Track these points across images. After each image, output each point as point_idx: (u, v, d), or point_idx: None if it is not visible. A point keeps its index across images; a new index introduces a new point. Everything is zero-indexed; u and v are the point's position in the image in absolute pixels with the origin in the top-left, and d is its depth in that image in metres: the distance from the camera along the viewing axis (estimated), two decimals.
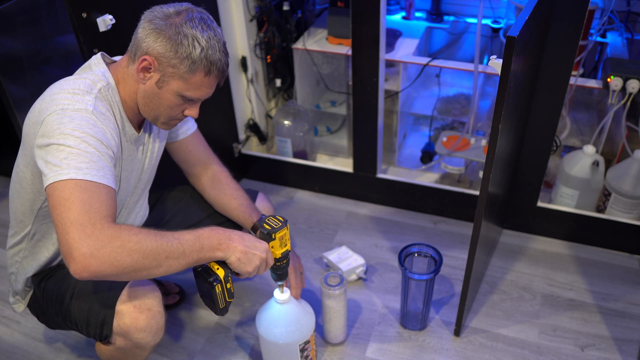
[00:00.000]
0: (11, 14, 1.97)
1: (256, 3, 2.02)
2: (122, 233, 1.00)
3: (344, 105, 2.30)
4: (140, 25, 1.15)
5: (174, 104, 1.19)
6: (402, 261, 1.55)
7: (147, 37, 1.13)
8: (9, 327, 1.75)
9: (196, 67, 1.13)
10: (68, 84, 1.14)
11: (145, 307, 1.21)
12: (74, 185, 1.01)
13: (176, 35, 1.11)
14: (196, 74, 1.14)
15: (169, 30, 1.11)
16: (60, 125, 1.06)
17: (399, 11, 2.28)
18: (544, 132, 1.75)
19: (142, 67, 1.14)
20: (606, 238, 1.91)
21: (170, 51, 1.12)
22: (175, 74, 1.14)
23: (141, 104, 1.21)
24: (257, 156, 2.24)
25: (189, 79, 1.15)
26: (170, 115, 1.22)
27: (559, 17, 1.53)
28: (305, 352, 1.48)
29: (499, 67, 1.15)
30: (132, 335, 1.21)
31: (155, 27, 1.12)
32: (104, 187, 1.04)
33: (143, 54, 1.14)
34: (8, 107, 2.06)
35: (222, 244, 1.14)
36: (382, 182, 2.09)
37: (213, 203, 1.54)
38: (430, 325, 1.70)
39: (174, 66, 1.13)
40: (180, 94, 1.17)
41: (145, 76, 1.16)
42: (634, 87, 1.70)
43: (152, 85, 1.17)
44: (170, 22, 1.12)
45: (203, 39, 1.13)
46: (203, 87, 1.18)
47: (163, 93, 1.17)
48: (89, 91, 1.14)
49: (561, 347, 1.62)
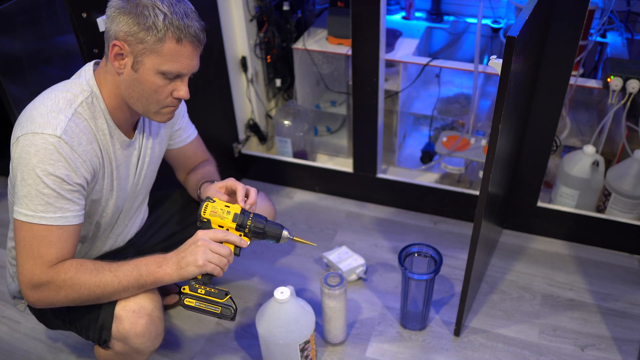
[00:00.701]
0: (11, 14, 1.97)
1: (256, 3, 2.02)
2: (58, 277, 1.11)
3: (344, 105, 2.30)
4: (107, 13, 1.12)
5: (157, 85, 1.14)
6: (402, 261, 1.55)
7: (112, 23, 1.10)
8: (9, 327, 1.75)
9: (163, 35, 1.08)
10: (50, 96, 1.14)
11: (145, 312, 1.20)
12: (26, 229, 1.10)
13: (135, 8, 1.08)
14: (166, 43, 1.09)
15: (128, 6, 1.08)
16: (26, 156, 1.08)
17: (399, 11, 2.28)
18: (544, 132, 1.75)
19: (114, 54, 1.11)
20: (606, 238, 1.91)
21: (135, 25, 1.08)
22: (146, 49, 1.09)
23: (127, 97, 1.17)
24: (257, 156, 2.24)
25: (161, 50, 1.10)
26: (159, 100, 1.17)
27: (559, 17, 1.53)
28: (305, 351, 1.48)
29: (499, 67, 1.15)
30: (130, 341, 1.20)
31: (115, 9, 1.09)
32: (55, 228, 1.11)
33: (111, 40, 1.11)
34: (8, 107, 2.06)
35: (159, 261, 1.18)
36: (382, 182, 2.09)
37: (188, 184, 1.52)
38: (430, 325, 1.70)
39: (142, 41, 1.09)
40: (159, 71, 1.12)
41: (120, 64, 1.12)
42: (634, 87, 1.71)
43: (129, 72, 1.13)
44: (130, 0, 1.09)
45: (164, 6, 1.08)
46: (180, 57, 1.12)
47: (142, 76, 1.13)
48: (67, 107, 1.13)
49: (561, 347, 1.62)
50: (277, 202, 2.19)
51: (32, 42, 2.06)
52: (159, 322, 1.23)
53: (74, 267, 1.12)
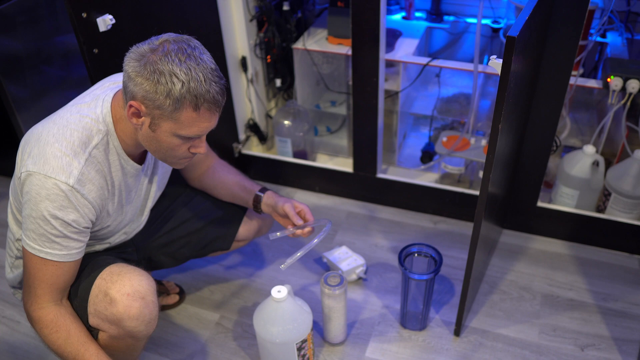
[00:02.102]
0: (11, 14, 1.97)
1: (256, 3, 2.02)
2: (39, 323, 1.20)
3: (344, 105, 2.29)
4: (124, 69, 1.10)
5: (174, 144, 1.15)
6: (402, 261, 1.55)
7: (128, 82, 1.08)
8: (9, 327, 1.75)
9: (181, 105, 1.07)
10: (65, 133, 1.14)
11: (139, 295, 1.21)
12: (33, 259, 1.17)
13: (152, 75, 1.05)
14: (183, 111, 1.08)
15: (144, 71, 1.05)
16: (37, 196, 1.11)
17: (399, 11, 2.28)
18: (544, 132, 1.75)
19: (131, 113, 1.11)
20: (606, 238, 1.91)
21: (152, 93, 1.06)
22: (162, 115, 1.09)
23: (146, 147, 1.19)
24: (257, 156, 2.24)
25: (178, 118, 1.08)
26: (176, 156, 1.19)
27: (559, 17, 1.53)
28: (302, 350, 1.48)
29: (499, 67, 1.15)
30: (124, 324, 1.21)
31: (132, 70, 1.07)
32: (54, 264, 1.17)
33: (130, 99, 1.10)
34: (8, 107, 2.06)
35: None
36: (382, 182, 2.09)
37: (213, 188, 1.57)
38: (430, 325, 1.70)
39: (159, 107, 1.07)
40: (176, 134, 1.12)
41: (137, 122, 1.12)
42: (634, 87, 1.71)
43: (147, 130, 1.13)
44: (145, 62, 1.06)
45: (182, 73, 1.05)
46: (197, 122, 1.10)
47: (159, 136, 1.13)
48: (81, 151, 1.14)
49: (561, 347, 1.62)
50: None
51: (32, 42, 2.06)
52: (152, 306, 1.24)
53: (51, 326, 1.19)
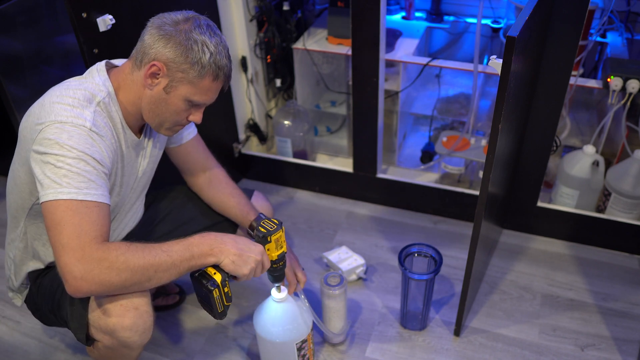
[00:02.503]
0: (11, 14, 1.97)
1: (256, 3, 2.02)
2: (110, 254, 1.06)
3: (344, 105, 2.29)
4: (147, 32, 1.16)
5: (180, 108, 1.21)
6: (402, 261, 1.55)
7: (155, 42, 1.14)
8: (9, 327, 1.75)
9: (205, 72, 1.16)
10: (68, 92, 1.15)
11: (132, 305, 1.19)
12: (67, 207, 1.06)
13: (186, 41, 1.13)
14: (205, 79, 1.17)
15: (178, 36, 1.13)
16: (59, 140, 1.08)
17: (399, 11, 2.28)
18: (544, 132, 1.75)
19: (151, 72, 1.16)
20: (606, 238, 1.91)
21: (181, 56, 1.14)
22: (184, 78, 1.16)
23: (146, 110, 1.22)
24: (257, 156, 2.24)
25: (198, 84, 1.17)
26: (176, 120, 1.23)
27: (559, 17, 1.53)
28: (302, 350, 1.48)
29: (499, 67, 1.15)
30: (118, 334, 1.19)
31: (164, 33, 1.14)
32: (97, 205, 1.09)
33: (151, 59, 1.15)
34: (8, 107, 2.06)
35: (215, 249, 1.18)
36: (382, 182, 2.09)
37: (211, 202, 1.55)
38: (430, 325, 1.70)
39: (183, 71, 1.15)
40: (188, 99, 1.19)
41: (153, 82, 1.17)
42: (634, 87, 1.71)
43: (159, 91, 1.18)
44: (179, 29, 1.14)
45: (212, 45, 1.16)
46: (210, 91, 1.20)
47: (171, 98, 1.19)
48: (88, 104, 1.15)
49: (561, 347, 1.62)
50: (277, 202, 2.19)
51: (32, 42, 2.06)
52: (147, 316, 1.21)
53: (125, 246, 1.10)
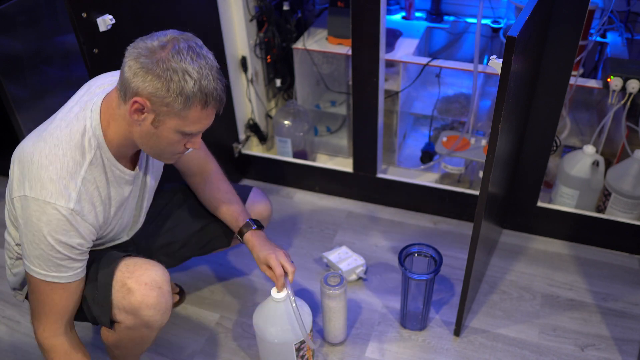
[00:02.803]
0: (11, 14, 1.97)
1: (256, 3, 2.02)
2: (54, 355, 1.22)
3: (344, 105, 2.29)
4: (126, 64, 1.07)
5: (174, 140, 1.14)
6: (402, 261, 1.55)
7: (134, 77, 1.05)
8: (9, 327, 1.75)
9: (191, 102, 1.07)
10: (58, 152, 1.12)
11: (156, 285, 1.24)
12: (36, 284, 1.17)
13: (165, 72, 1.04)
14: (192, 109, 1.08)
15: (156, 68, 1.04)
16: (38, 222, 1.11)
17: (399, 11, 2.28)
18: (544, 132, 1.75)
19: (134, 109, 1.08)
20: (606, 238, 1.91)
21: (162, 90, 1.04)
22: (170, 112, 1.07)
23: (140, 143, 1.17)
24: (257, 156, 2.24)
25: (186, 116, 1.08)
26: (172, 151, 1.18)
27: (559, 17, 1.53)
28: (301, 351, 1.47)
29: (499, 67, 1.15)
30: (141, 313, 1.23)
31: (141, 65, 1.05)
32: (63, 287, 1.18)
33: (133, 95, 1.06)
34: (8, 107, 2.06)
35: None
36: (382, 182, 2.09)
37: (205, 203, 1.57)
38: (430, 325, 1.70)
39: (167, 105, 1.06)
40: (179, 131, 1.12)
41: (139, 117, 1.10)
42: (634, 87, 1.71)
43: (148, 126, 1.11)
44: (156, 59, 1.04)
45: (194, 71, 1.05)
46: (202, 119, 1.11)
47: (161, 132, 1.12)
48: (76, 171, 1.13)
49: (561, 347, 1.62)
50: (277, 202, 2.19)
51: (32, 42, 2.06)
52: (168, 295, 1.27)
53: (64, 355, 1.22)
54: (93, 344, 1.67)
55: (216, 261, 1.94)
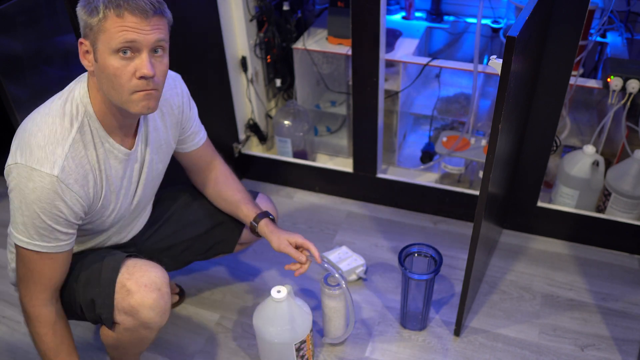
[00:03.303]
0: (11, 14, 1.97)
1: (256, 3, 2.02)
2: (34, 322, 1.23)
3: (344, 105, 2.29)
4: None
5: (115, 67, 1.08)
6: (402, 261, 1.55)
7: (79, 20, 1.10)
8: (9, 327, 1.75)
9: (104, 14, 1.05)
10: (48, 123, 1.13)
11: (156, 286, 1.25)
12: (23, 253, 1.18)
13: (83, 1, 1.08)
14: (108, 20, 1.05)
15: (81, 2, 1.09)
16: (24, 188, 1.11)
17: (399, 11, 2.28)
18: (544, 132, 1.75)
19: (82, 52, 1.11)
20: (606, 238, 1.91)
21: (83, 15, 1.07)
22: (95, 33, 1.07)
23: (105, 94, 1.13)
24: (257, 156, 2.24)
25: (106, 28, 1.05)
26: (122, 84, 1.10)
27: (559, 17, 1.53)
28: (301, 351, 1.48)
29: (499, 67, 1.15)
30: (140, 314, 1.23)
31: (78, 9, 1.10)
32: (50, 257, 1.18)
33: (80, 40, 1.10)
34: (8, 107, 2.06)
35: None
36: (382, 182, 2.09)
37: (214, 199, 1.56)
38: (430, 325, 1.70)
39: (91, 27, 1.07)
40: (111, 49, 1.06)
41: (89, 61, 1.11)
42: (634, 87, 1.71)
43: (95, 65, 1.10)
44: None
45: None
46: (124, 29, 1.05)
47: (101, 63, 1.08)
48: (64, 138, 1.12)
49: (561, 347, 1.62)
50: (277, 202, 2.19)
51: (32, 42, 2.06)
52: (167, 297, 1.27)
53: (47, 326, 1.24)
54: (93, 344, 1.67)
55: (216, 261, 1.94)
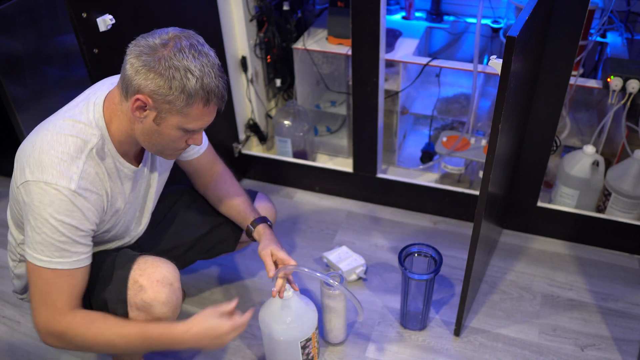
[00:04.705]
0: (11, 14, 1.97)
1: (256, 3, 2.02)
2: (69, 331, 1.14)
3: (344, 105, 2.29)
4: (127, 62, 1.09)
5: (176, 137, 1.16)
6: (402, 261, 1.55)
7: (136, 74, 1.07)
8: (8, 327, 1.75)
9: (193, 100, 1.08)
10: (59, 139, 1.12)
11: (168, 282, 1.25)
12: (40, 274, 1.13)
13: (167, 70, 1.05)
14: (194, 106, 1.09)
15: (158, 66, 1.05)
16: (40, 204, 1.09)
17: (399, 11, 2.28)
18: (544, 132, 1.75)
19: (137, 106, 1.10)
20: (606, 238, 1.91)
21: (164, 87, 1.06)
22: (172, 109, 1.09)
23: (142, 140, 1.18)
24: (257, 156, 2.24)
25: (188, 113, 1.10)
26: (174, 147, 1.20)
27: (559, 17, 1.53)
28: (306, 349, 1.48)
29: (499, 67, 1.15)
30: (153, 309, 1.23)
31: (143, 63, 1.06)
32: (69, 274, 1.14)
33: (135, 92, 1.08)
34: (8, 107, 2.06)
35: (174, 346, 1.22)
36: (382, 182, 2.09)
37: (215, 203, 1.56)
38: (430, 325, 1.70)
39: (169, 102, 1.08)
40: (181, 128, 1.13)
41: (141, 115, 1.11)
42: (634, 87, 1.71)
43: (150, 123, 1.13)
44: (158, 57, 1.06)
45: (196, 69, 1.07)
46: (204, 116, 1.13)
47: (163, 129, 1.13)
48: (77, 156, 1.13)
49: (561, 347, 1.62)
50: (277, 202, 2.19)
51: (32, 42, 2.06)
52: (179, 292, 1.27)
53: (85, 323, 1.16)
54: None
55: (217, 261, 1.94)
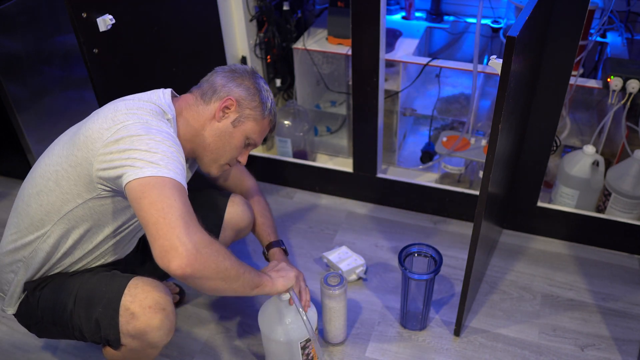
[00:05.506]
0: (11, 14, 1.97)
1: (256, 3, 2.02)
2: (213, 244, 1.07)
3: (344, 105, 2.29)
4: (217, 75, 1.33)
5: (240, 145, 1.35)
6: (402, 261, 1.55)
7: (228, 83, 1.32)
8: (8, 327, 1.75)
9: (267, 114, 1.36)
10: (141, 104, 1.20)
11: (160, 307, 1.22)
12: (174, 185, 1.05)
13: (255, 85, 1.34)
14: (265, 120, 1.36)
15: (247, 81, 1.34)
16: (147, 133, 1.11)
17: (399, 11, 2.28)
18: (544, 132, 1.75)
19: (224, 106, 1.30)
20: (606, 238, 1.91)
21: (252, 95, 1.33)
22: (251, 115, 1.33)
23: (208, 142, 1.32)
24: (257, 156, 2.24)
25: (261, 123, 1.35)
26: (231, 157, 1.36)
27: (559, 17, 1.53)
28: (306, 349, 1.48)
29: (499, 67, 1.15)
30: (147, 336, 1.21)
31: (236, 75, 1.33)
32: (183, 192, 1.08)
33: (225, 95, 1.30)
34: (8, 107, 2.06)
35: (277, 289, 1.32)
36: (382, 182, 2.09)
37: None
38: (430, 325, 1.70)
39: (253, 108, 1.33)
40: (248, 136, 1.35)
41: (224, 113, 1.31)
42: (634, 87, 1.71)
43: (227, 124, 1.32)
44: (248, 76, 1.35)
45: (271, 96, 1.38)
46: (263, 132, 1.38)
47: (235, 132, 1.33)
48: (160, 116, 1.21)
49: (561, 347, 1.63)
50: (277, 202, 2.19)
51: (32, 42, 2.06)
52: (172, 315, 1.25)
53: (215, 241, 1.09)
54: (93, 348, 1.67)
55: None
